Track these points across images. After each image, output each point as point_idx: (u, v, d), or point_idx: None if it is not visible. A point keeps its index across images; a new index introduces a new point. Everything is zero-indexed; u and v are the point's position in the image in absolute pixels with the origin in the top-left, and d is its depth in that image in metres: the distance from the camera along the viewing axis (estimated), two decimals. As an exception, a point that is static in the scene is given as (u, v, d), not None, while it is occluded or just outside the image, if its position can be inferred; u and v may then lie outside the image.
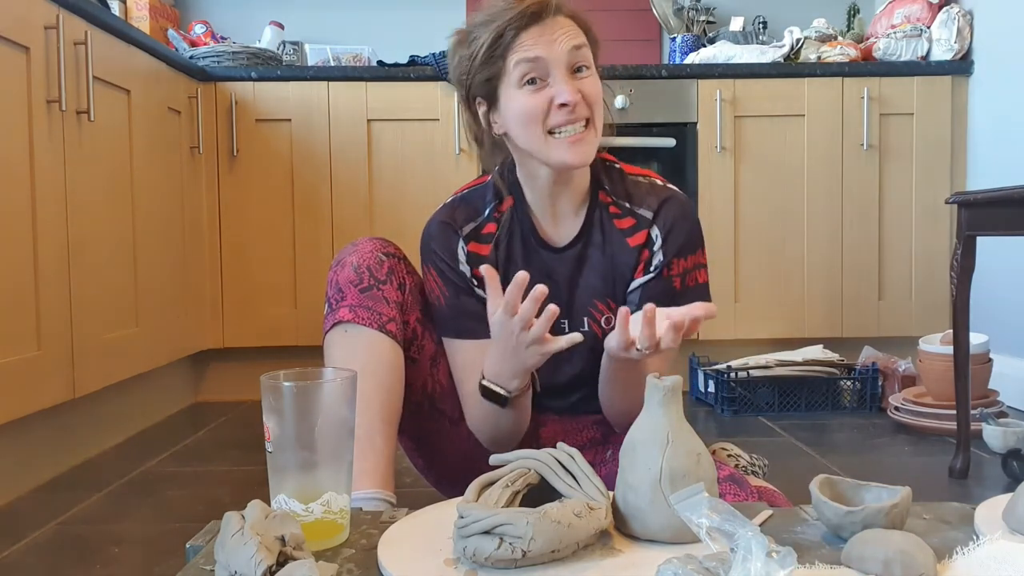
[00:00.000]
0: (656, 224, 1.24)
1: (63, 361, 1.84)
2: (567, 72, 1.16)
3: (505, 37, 1.17)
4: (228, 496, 1.74)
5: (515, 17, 1.16)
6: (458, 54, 1.25)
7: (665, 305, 1.22)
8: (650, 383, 0.85)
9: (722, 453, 1.46)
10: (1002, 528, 0.80)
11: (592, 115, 1.18)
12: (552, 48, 1.15)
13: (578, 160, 1.18)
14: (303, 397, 0.84)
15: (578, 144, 1.16)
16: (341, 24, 3.31)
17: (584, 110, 1.16)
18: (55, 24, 1.81)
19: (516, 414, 1.20)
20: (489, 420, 1.22)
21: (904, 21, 2.86)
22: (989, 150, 2.66)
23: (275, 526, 0.74)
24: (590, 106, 1.17)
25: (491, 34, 1.18)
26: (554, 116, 1.16)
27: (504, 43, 1.17)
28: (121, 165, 2.15)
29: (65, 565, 1.38)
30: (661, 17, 3.21)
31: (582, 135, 1.16)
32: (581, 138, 1.16)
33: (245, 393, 2.76)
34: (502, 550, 0.74)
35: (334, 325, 1.24)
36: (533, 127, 1.17)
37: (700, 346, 2.76)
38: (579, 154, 1.17)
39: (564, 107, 1.15)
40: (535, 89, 1.16)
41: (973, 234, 1.73)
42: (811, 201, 2.76)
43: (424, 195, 2.72)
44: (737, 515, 0.67)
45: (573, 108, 1.15)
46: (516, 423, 1.22)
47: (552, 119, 1.16)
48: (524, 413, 1.22)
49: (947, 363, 2.02)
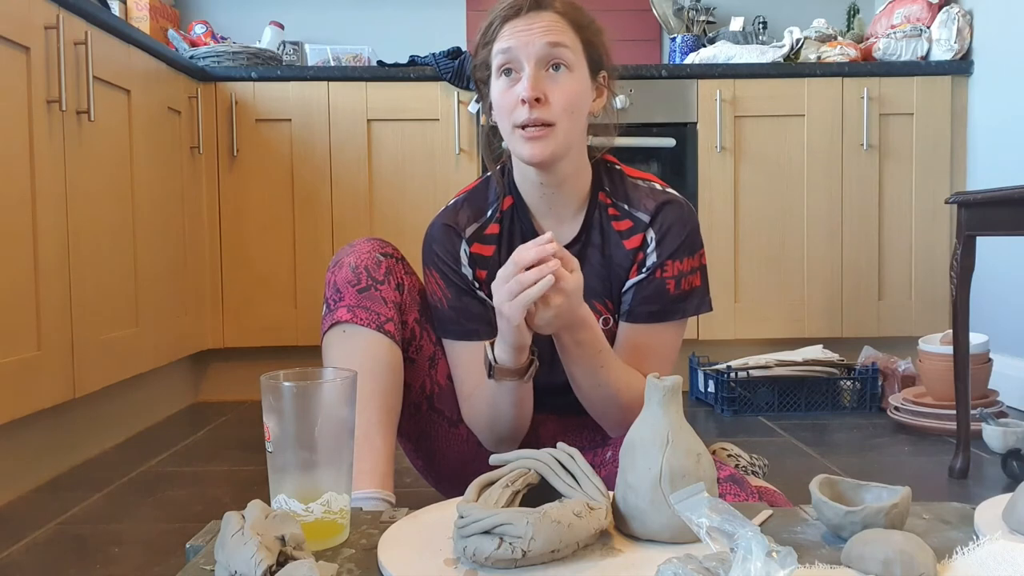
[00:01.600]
0: (652, 227, 1.24)
1: (63, 361, 1.84)
2: (536, 68, 1.15)
3: (492, 25, 1.19)
4: (228, 496, 1.74)
5: (504, 7, 1.18)
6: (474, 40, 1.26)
7: (658, 307, 1.23)
8: (650, 383, 0.85)
9: (722, 453, 1.46)
10: (1002, 528, 0.80)
11: (557, 119, 1.15)
12: (525, 40, 1.15)
13: (533, 156, 1.15)
14: (303, 397, 0.84)
15: (534, 140, 1.15)
16: (341, 24, 3.31)
17: (547, 112, 1.14)
18: (55, 24, 1.81)
19: (514, 408, 1.19)
20: (488, 413, 1.21)
21: (904, 21, 2.86)
22: (989, 150, 2.66)
23: (275, 526, 0.74)
24: (557, 110, 1.15)
25: (485, 22, 1.20)
26: (516, 112, 1.16)
27: (491, 31, 1.19)
28: (121, 165, 2.15)
29: (65, 565, 1.38)
30: (661, 17, 3.21)
31: (541, 132, 1.15)
32: (539, 135, 1.15)
33: (245, 393, 2.76)
34: (502, 550, 0.74)
35: (332, 325, 1.24)
36: (504, 120, 1.18)
37: (700, 346, 2.76)
38: (535, 150, 1.15)
39: (524, 103, 1.14)
40: (509, 82, 1.17)
41: (973, 234, 1.73)
42: (811, 201, 2.76)
43: (424, 195, 2.73)
44: (737, 515, 0.67)
45: (532, 105, 1.13)
46: (515, 420, 1.21)
47: (514, 115, 1.16)
48: (521, 408, 1.20)
49: (947, 363, 2.02)
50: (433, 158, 2.74)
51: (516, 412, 1.20)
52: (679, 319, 1.25)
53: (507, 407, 1.19)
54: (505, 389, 1.16)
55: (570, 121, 1.17)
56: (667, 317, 1.23)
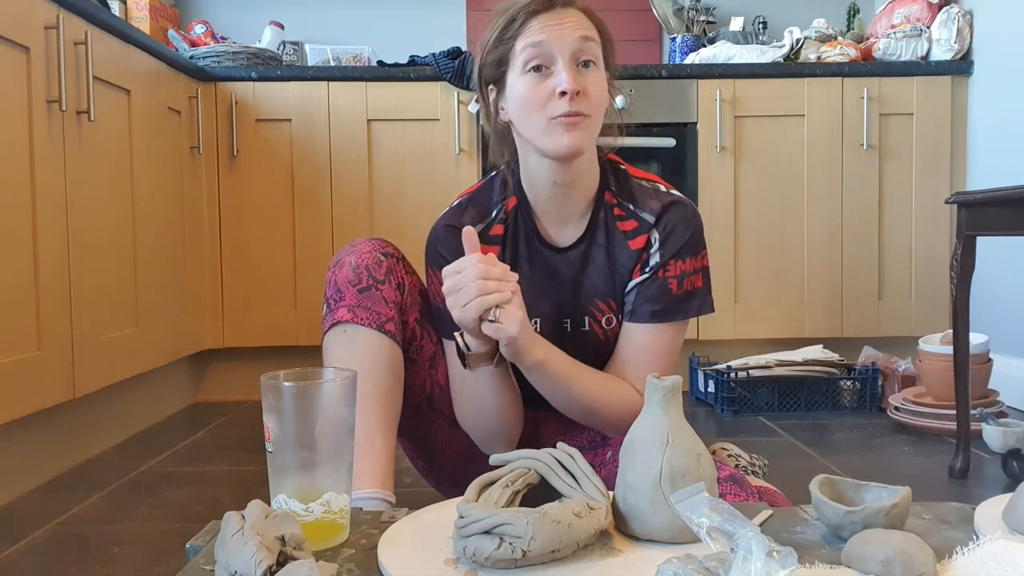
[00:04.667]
0: (657, 228, 1.24)
1: (63, 361, 1.84)
2: (571, 62, 1.15)
3: (516, 21, 1.18)
4: (228, 496, 1.74)
5: (529, 3, 1.17)
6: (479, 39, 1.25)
7: (661, 307, 1.23)
8: (650, 383, 0.85)
9: (722, 453, 1.46)
10: (1002, 528, 0.80)
11: (592, 112, 1.16)
12: (558, 34, 1.15)
13: (571, 144, 1.14)
14: (303, 397, 0.84)
15: (573, 128, 1.14)
16: (341, 24, 3.31)
17: (584, 104, 1.14)
18: (55, 24, 1.81)
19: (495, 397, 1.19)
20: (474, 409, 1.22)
21: (904, 21, 2.86)
22: (989, 150, 2.66)
23: (275, 526, 0.74)
24: (592, 103, 1.16)
25: (505, 18, 1.19)
26: (553, 106, 1.14)
27: (515, 27, 1.18)
28: (121, 165, 2.15)
29: (65, 565, 1.38)
30: (661, 17, 3.21)
31: (579, 120, 1.14)
32: (577, 123, 1.14)
33: (245, 393, 2.76)
34: (502, 550, 0.74)
35: (333, 325, 1.24)
36: (534, 115, 1.16)
37: (700, 346, 2.76)
38: (573, 138, 1.14)
39: (564, 95, 1.13)
40: (540, 77, 1.15)
41: (973, 234, 1.73)
42: (811, 201, 2.76)
43: (424, 195, 2.73)
44: (737, 515, 0.67)
45: (572, 97, 1.13)
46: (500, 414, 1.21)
47: (550, 108, 1.15)
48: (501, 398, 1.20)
49: (947, 363, 2.02)
50: (433, 158, 2.74)
51: (498, 403, 1.20)
52: (681, 319, 1.25)
53: (489, 397, 1.19)
54: (483, 378, 1.17)
55: (599, 116, 1.18)
56: (669, 317, 1.23)
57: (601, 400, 1.20)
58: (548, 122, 1.15)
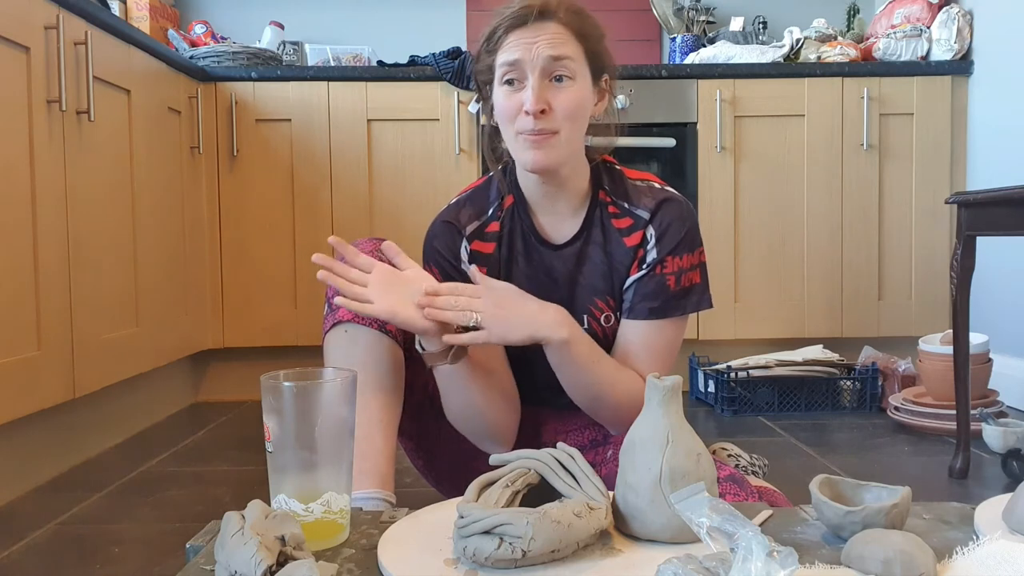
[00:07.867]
0: (652, 224, 1.25)
1: (63, 361, 1.84)
2: (541, 78, 1.16)
3: (496, 34, 1.19)
4: (228, 496, 1.74)
5: (508, 17, 1.18)
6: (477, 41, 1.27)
7: (659, 304, 1.23)
8: (650, 383, 0.85)
9: (722, 453, 1.46)
10: (1002, 528, 0.80)
11: (561, 127, 1.17)
12: (529, 53, 1.16)
13: (536, 162, 1.17)
14: (303, 397, 0.84)
15: (537, 146, 1.17)
16: (341, 24, 3.31)
17: (550, 121, 1.16)
18: (55, 24, 1.81)
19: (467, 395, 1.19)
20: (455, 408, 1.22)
21: (904, 21, 2.86)
22: (989, 150, 2.66)
23: (275, 526, 0.74)
24: (559, 118, 1.16)
25: (489, 29, 1.21)
26: (519, 121, 1.17)
27: (494, 40, 1.20)
28: (121, 165, 2.15)
29: (65, 565, 1.38)
30: (661, 17, 3.21)
31: (544, 138, 1.16)
32: (541, 141, 1.16)
33: (245, 393, 2.76)
34: (502, 550, 0.74)
35: (334, 325, 1.24)
36: (507, 126, 1.20)
37: (700, 346, 2.76)
38: (537, 156, 1.17)
39: (528, 114, 1.15)
40: (512, 90, 1.18)
41: (973, 234, 1.73)
42: (811, 201, 2.76)
43: (424, 195, 2.73)
44: (737, 515, 0.67)
45: (536, 116, 1.15)
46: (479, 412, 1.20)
47: (517, 123, 1.17)
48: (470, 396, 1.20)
49: (947, 363, 2.02)
50: (433, 158, 2.74)
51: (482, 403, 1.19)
52: (679, 315, 1.25)
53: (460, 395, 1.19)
54: (447, 376, 1.18)
55: (572, 128, 1.19)
56: (667, 313, 1.24)
57: (616, 387, 1.20)
58: (516, 136, 1.19)
